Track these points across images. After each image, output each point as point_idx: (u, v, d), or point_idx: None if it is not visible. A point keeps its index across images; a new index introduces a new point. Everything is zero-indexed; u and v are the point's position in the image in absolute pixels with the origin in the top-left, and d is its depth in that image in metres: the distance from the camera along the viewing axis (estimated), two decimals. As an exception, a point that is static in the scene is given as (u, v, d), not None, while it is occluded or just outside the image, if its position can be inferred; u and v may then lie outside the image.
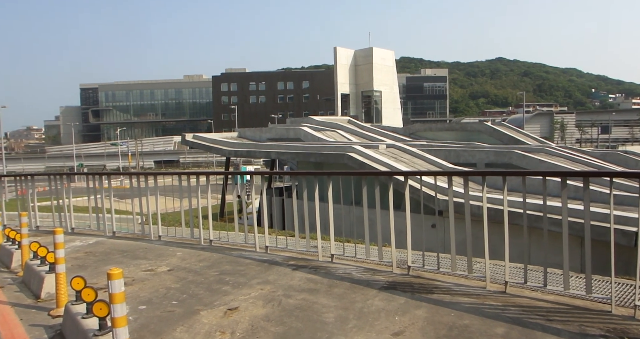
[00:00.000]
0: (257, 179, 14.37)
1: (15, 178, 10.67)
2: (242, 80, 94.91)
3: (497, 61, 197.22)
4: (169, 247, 6.83)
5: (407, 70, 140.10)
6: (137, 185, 7.92)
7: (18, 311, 4.53)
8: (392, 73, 48.49)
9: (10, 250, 6.34)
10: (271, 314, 4.04)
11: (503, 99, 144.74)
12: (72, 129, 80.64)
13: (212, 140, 33.77)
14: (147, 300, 4.53)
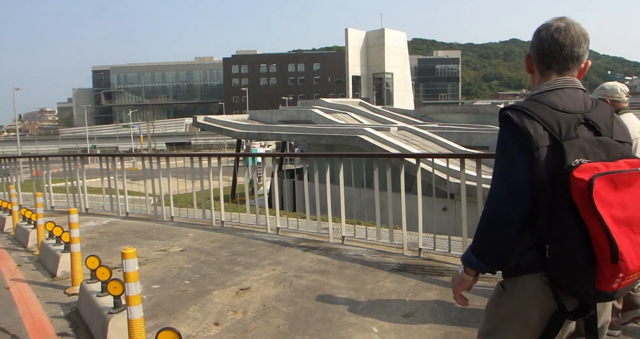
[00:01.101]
0: (268, 161, 14.41)
1: (30, 159, 10.79)
2: (253, 62, 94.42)
3: (511, 42, 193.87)
4: (181, 228, 6.90)
5: (419, 51, 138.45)
6: (149, 166, 7.98)
7: (35, 289, 4.62)
8: (404, 55, 47.92)
9: (26, 229, 6.45)
10: (282, 295, 4.08)
11: (516, 81, 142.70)
12: (85, 111, 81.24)
13: (223, 122, 33.82)
14: (160, 279, 4.60)
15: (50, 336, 3.52)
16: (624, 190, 1.37)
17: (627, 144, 1.52)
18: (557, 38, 1.55)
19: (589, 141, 1.44)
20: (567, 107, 1.49)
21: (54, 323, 3.76)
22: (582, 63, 1.59)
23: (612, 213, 1.33)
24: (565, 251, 1.40)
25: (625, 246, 1.32)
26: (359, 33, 46.21)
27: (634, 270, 1.34)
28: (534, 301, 1.51)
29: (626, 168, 1.40)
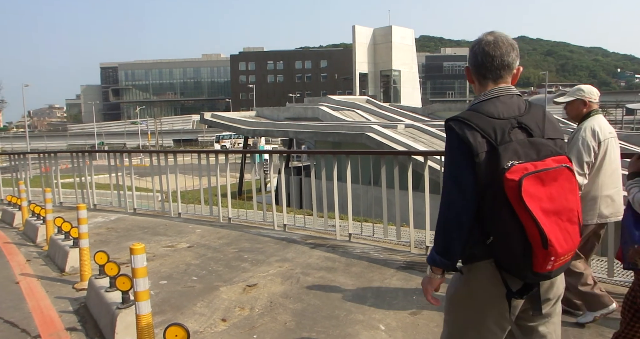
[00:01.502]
0: (275, 158, 14.43)
1: (38, 155, 10.87)
2: (260, 59, 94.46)
3: (520, 40, 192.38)
4: (189, 224, 6.92)
5: (426, 49, 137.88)
6: (157, 163, 8.01)
7: (44, 283, 4.65)
8: (412, 52, 47.72)
9: (35, 224, 6.50)
10: (289, 292, 4.08)
11: (525, 79, 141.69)
12: (93, 108, 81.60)
13: (231, 119, 33.88)
14: (167, 275, 4.62)
15: (59, 330, 3.54)
16: (551, 184, 1.58)
17: (558, 140, 1.72)
18: (488, 51, 1.73)
19: (521, 143, 1.63)
20: (501, 114, 1.67)
21: (62, 317, 3.79)
22: (514, 69, 1.78)
23: (541, 206, 1.54)
24: (505, 241, 1.61)
25: (554, 233, 1.54)
26: (367, 30, 46.05)
27: (562, 252, 1.56)
28: (486, 284, 1.71)
29: (553, 165, 1.61)
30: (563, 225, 1.58)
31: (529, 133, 1.67)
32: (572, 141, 3.15)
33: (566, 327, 3.16)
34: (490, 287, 1.70)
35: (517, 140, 1.63)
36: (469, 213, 1.64)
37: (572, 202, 1.63)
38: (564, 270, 1.72)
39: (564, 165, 1.64)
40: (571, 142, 3.15)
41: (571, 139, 3.17)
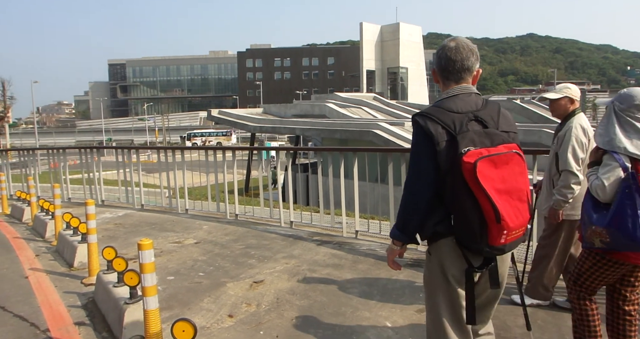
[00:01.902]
0: (281, 155, 14.43)
1: (47, 151, 10.95)
2: (267, 56, 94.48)
3: (528, 37, 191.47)
4: (196, 220, 6.95)
5: (434, 46, 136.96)
6: (164, 159, 8.04)
7: (52, 278, 4.69)
8: (419, 49, 47.55)
9: (44, 220, 6.55)
10: (296, 288, 4.09)
11: (533, 77, 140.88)
12: (101, 104, 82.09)
13: (238, 115, 33.94)
14: (175, 271, 4.64)
15: (68, 325, 3.57)
16: (503, 167, 1.81)
17: (511, 133, 1.95)
18: (450, 56, 1.97)
19: (477, 133, 1.86)
20: (460, 109, 1.91)
21: (71, 312, 3.82)
22: (474, 72, 2.01)
23: (494, 186, 1.76)
24: (463, 218, 1.83)
25: (506, 209, 1.76)
26: (374, 27, 45.92)
27: (514, 227, 1.79)
28: (449, 259, 1.94)
29: (504, 150, 1.83)
30: (514, 203, 1.81)
31: (484, 125, 1.90)
32: (565, 139, 3.18)
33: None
34: (453, 263, 1.93)
35: (473, 131, 1.86)
36: (427, 198, 1.89)
37: (522, 183, 1.86)
38: (517, 246, 1.95)
39: (514, 150, 1.86)
40: (563, 140, 3.19)
41: (562, 137, 3.21)
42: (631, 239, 2.23)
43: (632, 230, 2.23)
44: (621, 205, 2.27)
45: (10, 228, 7.14)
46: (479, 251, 1.86)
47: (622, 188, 2.28)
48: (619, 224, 2.26)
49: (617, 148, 2.36)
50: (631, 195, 2.25)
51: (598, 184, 2.34)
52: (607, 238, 2.31)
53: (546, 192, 3.40)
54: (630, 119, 2.41)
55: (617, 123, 2.43)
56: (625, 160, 2.32)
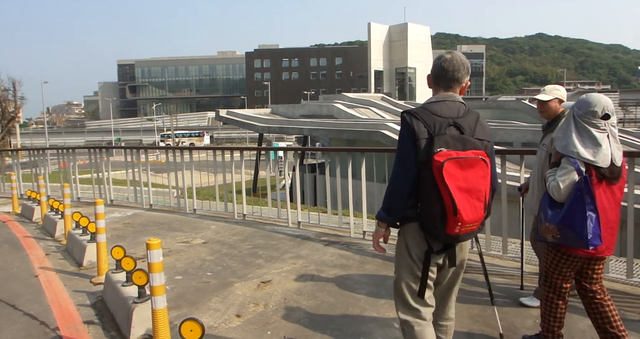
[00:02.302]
0: (289, 155, 14.45)
1: (57, 151, 11.03)
2: (275, 57, 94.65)
3: (537, 37, 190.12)
4: (204, 220, 6.97)
5: (442, 46, 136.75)
6: (172, 159, 8.08)
7: (62, 277, 4.73)
8: (427, 49, 47.45)
9: (54, 219, 6.60)
10: (304, 289, 4.09)
11: (542, 77, 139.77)
12: (110, 104, 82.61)
13: (246, 116, 34.01)
14: (183, 271, 4.66)
15: (77, 323, 3.60)
16: (468, 169, 2.08)
17: (485, 141, 2.20)
18: (444, 66, 2.24)
19: (453, 137, 2.11)
20: (443, 114, 2.17)
21: (80, 311, 3.84)
22: (463, 83, 2.28)
23: (457, 184, 2.04)
24: (428, 207, 2.12)
25: (464, 205, 2.04)
26: (382, 27, 45.85)
27: (468, 221, 2.07)
28: (413, 241, 2.25)
29: (471, 155, 2.09)
30: (472, 201, 2.08)
31: (461, 131, 2.15)
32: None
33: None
34: (417, 244, 2.25)
35: (450, 134, 2.11)
36: (409, 185, 2.16)
37: (482, 185, 2.12)
38: (471, 237, 2.26)
39: (480, 157, 2.12)
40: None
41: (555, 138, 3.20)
42: (578, 237, 2.45)
43: (579, 229, 2.44)
44: (572, 205, 2.46)
45: (21, 227, 7.21)
46: (437, 237, 2.17)
47: (574, 190, 2.46)
48: (568, 223, 2.47)
49: (571, 152, 2.51)
50: (582, 197, 2.43)
51: (554, 185, 2.53)
52: (557, 234, 2.53)
53: (537, 192, 3.37)
54: (586, 125, 2.52)
55: (574, 128, 2.56)
56: (580, 165, 2.48)
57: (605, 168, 2.48)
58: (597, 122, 2.50)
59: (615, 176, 2.51)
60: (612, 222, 2.58)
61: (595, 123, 2.51)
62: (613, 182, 2.53)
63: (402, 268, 2.33)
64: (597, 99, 2.52)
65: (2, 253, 5.74)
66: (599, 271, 2.71)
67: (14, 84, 24.47)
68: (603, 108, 2.50)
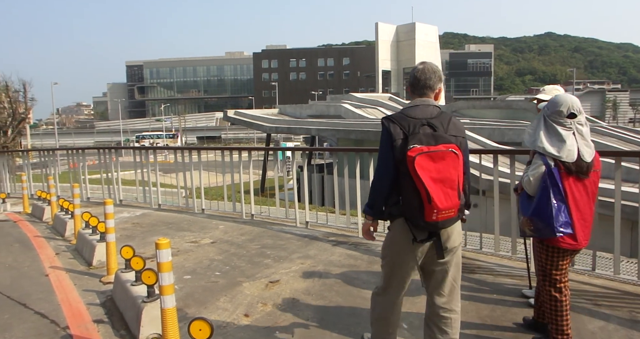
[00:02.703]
0: (297, 156, 14.45)
1: (67, 151, 11.12)
2: (283, 57, 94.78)
3: (546, 36, 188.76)
4: (212, 220, 7.00)
5: (450, 46, 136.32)
6: (181, 159, 8.11)
7: (72, 276, 4.77)
8: (435, 49, 47.27)
9: (64, 219, 6.66)
10: (312, 288, 4.10)
11: (551, 76, 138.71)
12: (119, 105, 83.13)
13: (253, 116, 34.07)
14: (191, 270, 4.68)
15: (87, 322, 3.62)
16: (440, 161, 2.33)
17: (459, 137, 2.46)
18: (417, 75, 2.56)
19: (426, 135, 2.38)
20: (417, 115, 2.46)
21: (90, 310, 3.87)
22: (436, 89, 2.57)
23: (430, 175, 2.29)
24: (408, 198, 2.39)
25: (437, 194, 2.29)
26: (390, 27, 45.77)
27: (443, 208, 2.31)
28: (400, 234, 2.51)
29: (442, 149, 2.34)
30: (445, 189, 2.32)
31: (434, 129, 2.41)
32: None
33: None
34: (403, 236, 2.49)
35: (423, 133, 2.38)
36: (389, 183, 2.46)
37: (454, 175, 2.35)
38: (452, 224, 2.46)
39: (451, 149, 2.35)
40: None
41: None
42: (548, 226, 2.66)
43: (547, 218, 2.65)
44: (540, 197, 2.70)
45: (31, 227, 7.28)
46: (419, 226, 2.41)
47: (541, 183, 2.70)
48: (537, 213, 2.70)
49: (538, 147, 2.75)
50: (547, 188, 2.66)
51: (526, 180, 2.78)
52: (531, 226, 2.76)
53: None
54: (553, 123, 2.76)
55: (543, 126, 2.80)
56: (549, 159, 2.70)
57: (571, 163, 2.67)
58: (563, 121, 2.73)
59: (583, 171, 2.70)
60: (585, 215, 2.76)
61: (562, 122, 2.74)
62: (582, 176, 2.71)
63: (388, 258, 2.65)
64: (563, 100, 2.75)
65: (13, 253, 5.80)
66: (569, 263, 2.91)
67: (25, 86, 24.68)
68: (568, 107, 2.73)
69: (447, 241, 2.48)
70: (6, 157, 12.89)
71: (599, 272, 4.16)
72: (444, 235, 2.47)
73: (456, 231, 2.53)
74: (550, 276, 2.85)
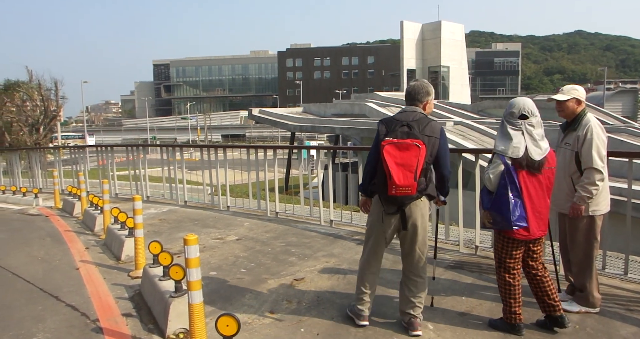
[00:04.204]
0: (321, 154, 14.45)
1: (96, 148, 11.36)
2: (307, 56, 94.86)
3: (576, 34, 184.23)
4: (237, 217, 7.06)
5: (476, 44, 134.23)
6: (206, 157, 8.20)
7: (101, 270, 4.87)
8: (461, 48, 46.60)
9: (93, 214, 6.81)
10: (336, 287, 4.09)
11: (581, 75, 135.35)
12: (146, 103, 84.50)
13: (278, 114, 34.20)
14: (217, 267, 4.73)
15: (116, 316, 3.70)
16: (404, 151, 2.99)
17: (432, 137, 3.08)
18: (409, 90, 3.29)
19: (402, 132, 3.08)
20: (400, 118, 3.16)
21: (119, 303, 3.95)
22: (423, 101, 3.26)
23: (394, 160, 2.98)
24: (379, 177, 3.11)
25: (397, 174, 2.96)
26: (415, 25, 45.31)
27: (400, 185, 2.96)
28: (376, 207, 3.27)
29: (408, 141, 3.00)
30: (405, 172, 2.96)
31: (410, 129, 3.07)
32: (587, 138, 3.28)
33: (626, 334, 3.02)
34: (377, 208, 3.23)
35: (400, 130, 3.08)
36: (374, 167, 3.18)
37: (414, 162, 2.96)
38: (411, 201, 3.11)
39: (415, 143, 2.99)
40: (585, 139, 3.28)
41: (583, 136, 3.29)
42: (505, 219, 2.96)
43: (504, 212, 2.95)
44: (498, 193, 2.99)
45: (62, 222, 7.46)
46: (385, 199, 3.12)
47: (500, 180, 2.98)
48: (496, 207, 3.00)
49: (496, 147, 3.06)
50: (505, 185, 2.94)
51: (487, 177, 3.05)
52: (490, 219, 3.07)
53: (567, 189, 3.42)
54: (506, 123, 3.07)
55: (501, 127, 3.10)
56: (507, 159, 2.97)
57: (520, 159, 2.94)
58: (514, 121, 3.02)
59: (534, 167, 2.95)
60: (540, 207, 3.03)
61: (513, 122, 3.02)
62: (534, 172, 2.96)
63: (369, 224, 3.36)
64: (516, 102, 3.04)
65: (45, 246, 5.96)
66: (538, 252, 3.19)
67: (56, 84, 25.23)
68: (520, 109, 3.00)
69: (410, 217, 3.14)
70: (39, 153, 13.24)
71: (632, 276, 4.05)
72: (408, 211, 3.13)
73: (419, 210, 3.15)
74: (505, 263, 3.15)
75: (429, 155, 3.06)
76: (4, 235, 6.72)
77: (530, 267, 3.18)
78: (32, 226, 7.31)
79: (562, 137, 3.51)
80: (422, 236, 3.20)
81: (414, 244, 3.21)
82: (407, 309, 3.25)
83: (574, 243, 3.46)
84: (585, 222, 3.37)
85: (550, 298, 3.13)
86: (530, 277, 3.21)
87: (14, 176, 12.47)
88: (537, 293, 3.18)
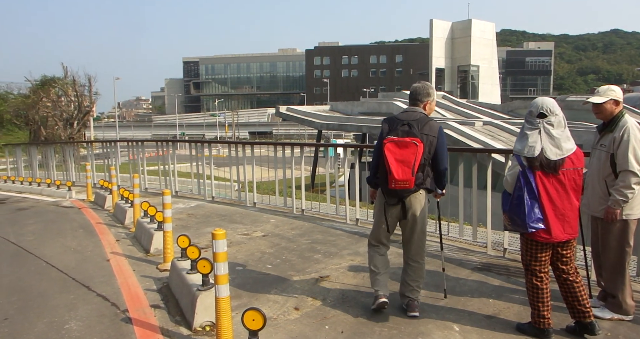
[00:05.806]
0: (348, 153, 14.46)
1: (127, 143, 11.61)
2: (335, 54, 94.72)
3: (612, 33, 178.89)
4: (263, 214, 7.11)
5: (507, 43, 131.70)
6: (234, 154, 8.29)
7: (131, 262, 4.98)
8: (492, 47, 45.89)
9: (124, 207, 6.96)
10: (362, 285, 4.09)
11: (617, 76, 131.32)
12: (176, 100, 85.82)
13: (305, 112, 34.28)
14: (243, 262, 4.78)
15: (145, 307, 3.78)
16: (403, 148, 3.26)
17: (430, 136, 3.34)
18: (412, 91, 3.56)
19: (402, 131, 3.34)
20: (402, 118, 3.43)
21: (147, 295, 4.04)
22: (425, 102, 3.53)
23: (394, 157, 3.26)
24: (382, 172, 3.38)
25: (396, 169, 3.23)
26: (444, 24, 44.80)
27: (399, 179, 3.24)
28: (379, 198, 3.56)
29: (407, 140, 3.27)
30: (403, 167, 3.24)
31: (410, 128, 3.33)
32: (623, 140, 3.19)
33: None
34: (381, 199, 3.53)
35: (400, 129, 3.35)
36: (378, 162, 3.47)
37: (412, 158, 3.23)
38: (410, 194, 3.39)
39: (413, 141, 3.26)
40: (621, 141, 3.19)
41: (620, 138, 3.20)
42: (521, 221, 2.92)
43: (520, 214, 2.91)
44: (515, 195, 2.97)
45: (94, 214, 7.66)
46: (386, 192, 3.43)
47: (516, 182, 2.97)
48: (513, 209, 2.97)
49: (514, 148, 3.06)
50: (521, 187, 2.92)
51: (505, 179, 3.11)
52: (509, 221, 3.05)
53: (601, 192, 3.33)
54: (526, 123, 3.05)
55: (522, 127, 3.09)
56: (522, 160, 2.96)
57: (535, 159, 2.90)
58: (532, 120, 3.00)
59: (550, 167, 2.89)
60: (564, 209, 2.94)
61: (531, 121, 3.00)
62: (551, 172, 2.90)
63: (375, 214, 3.64)
64: (536, 101, 3.03)
65: (77, 237, 6.13)
66: (568, 255, 3.09)
67: (90, 80, 25.86)
68: (538, 108, 2.98)
69: (410, 208, 3.43)
70: (72, 147, 13.61)
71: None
72: (408, 202, 3.42)
73: (418, 202, 3.43)
74: (531, 266, 3.09)
75: (427, 152, 3.32)
76: (40, 226, 6.94)
77: (561, 271, 3.10)
78: (66, 217, 7.53)
79: (597, 139, 3.43)
80: (420, 225, 3.48)
81: (413, 232, 3.50)
82: (406, 293, 3.53)
83: (605, 247, 3.37)
84: (618, 226, 3.28)
85: (580, 304, 3.04)
86: (561, 281, 3.12)
87: (48, 169, 12.85)
88: (567, 298, 3.11)
